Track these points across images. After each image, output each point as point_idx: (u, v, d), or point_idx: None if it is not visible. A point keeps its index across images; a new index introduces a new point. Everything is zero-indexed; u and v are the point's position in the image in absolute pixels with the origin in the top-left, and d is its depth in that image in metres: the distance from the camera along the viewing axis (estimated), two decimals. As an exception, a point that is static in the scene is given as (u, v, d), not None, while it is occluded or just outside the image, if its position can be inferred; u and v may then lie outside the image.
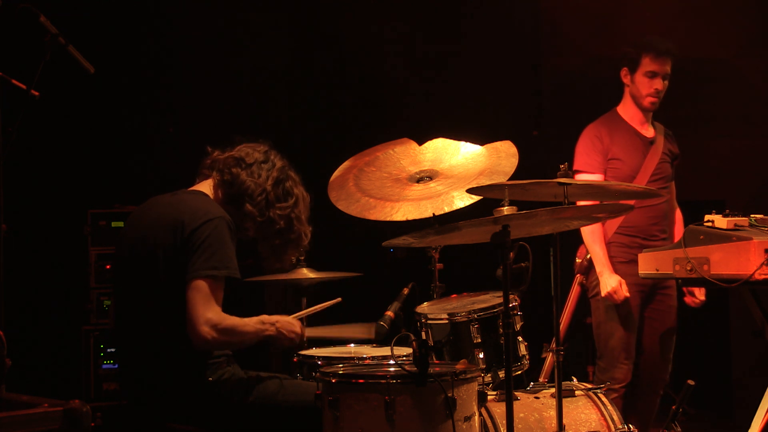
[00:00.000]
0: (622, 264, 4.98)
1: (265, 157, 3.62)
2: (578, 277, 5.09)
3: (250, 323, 3.44)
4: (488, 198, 3.80)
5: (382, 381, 3.20)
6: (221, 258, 3.34)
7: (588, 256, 5.03)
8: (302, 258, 4.60)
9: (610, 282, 4.90)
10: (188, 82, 6.15)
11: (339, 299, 3.92)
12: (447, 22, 6.54)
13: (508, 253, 3.29)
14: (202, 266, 3.32)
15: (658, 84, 5.02)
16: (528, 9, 6.58)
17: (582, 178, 4.96)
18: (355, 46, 6.41)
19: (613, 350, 4.98)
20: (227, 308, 3.56)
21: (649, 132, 5.13)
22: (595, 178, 4.96)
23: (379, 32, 6.39)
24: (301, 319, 3.65)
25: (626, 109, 5.13)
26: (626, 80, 5.09)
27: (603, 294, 4.90)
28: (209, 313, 3.29)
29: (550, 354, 4.47)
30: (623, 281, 4.90)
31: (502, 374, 3.77)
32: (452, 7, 6.51)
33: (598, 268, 4.96)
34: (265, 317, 3.49)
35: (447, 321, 3.89)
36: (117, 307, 3.56)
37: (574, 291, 5.08)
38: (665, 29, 5.90)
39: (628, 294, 4.89)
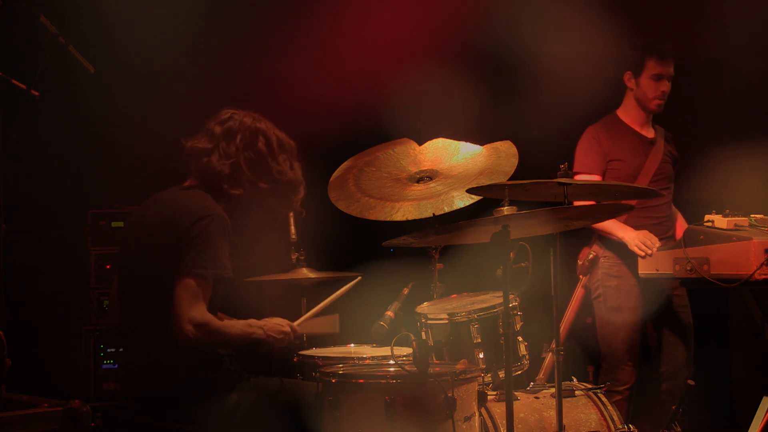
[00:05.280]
0: (625, 265, 4.97)
1: (227, 129, 3.59)
2: (582, 279, 5.08)
3: (237, 325, 3.45)
4: (488, 198, 3.80)
5: (382, 381, 3.20)
6: (210, 257, 3.34)
7: (590, 257, 5.02)
8: (302, 258, 4.61)
9: (637, 237, 4.75)
10: (188, 81, 6.15)
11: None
12: (447, 22, 6.53)
13: (508, 253, 3.30)
14: (191, 264, 3.32)
15: (664, 86, 5.00)
16: (528, 9, 6.56)
17: (581, 179, 4.95)
18: (355, 45, 6.40)
19: (616, 352, 4.97)
20: (227, 308, 3.57)
21: (649, 133, 5.13)
22: (593, 179, 4.96)
23: (378, 31, 6.38)
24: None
25: (627, 113, 5.12)
26: (630, 84, 5.06)
27: (639, 253, 4.69)
28: (193, 311, 3.29)
29: (550, 354, 4.47)
30: (647, 231, 4.78)
31: (502, 374, 3.77)
32: (453, 7, 6.50)
33: (618, 234, 4.85)
34: (252, 321, 3.50)
35: (447, 321, 3.89)
36: (121, 307, 3.57)
37: (578, 293, 5.07)
38: (664, 29, 5.90)
39: (658, 241, 4.73)
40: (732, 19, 6.12)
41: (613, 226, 4.89)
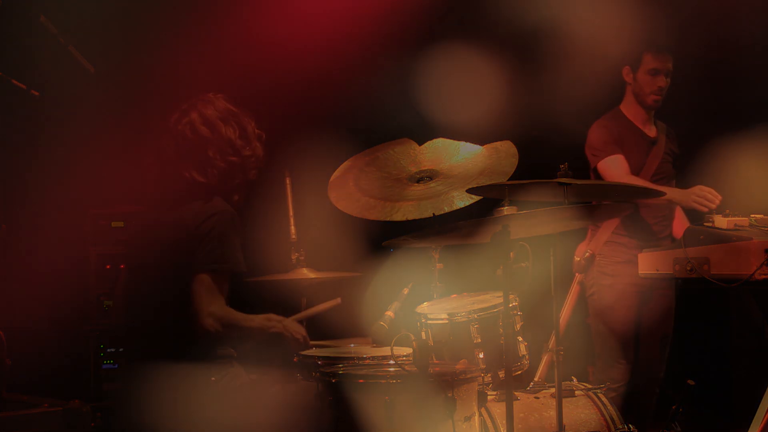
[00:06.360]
0: (620, 264, 4.97)
1: (179, 147, 3.62)
2: (578, 276, 5.08)
3: (256, 319, 3.50)
4: (488, 198, 3.80)
5: (382, 381, 3.20)
6: (223, 252, 3.40)
7: (586, 255, 5.01)
8: (302, 258, 4.61)
9: (692, 192, 4.66)
10: (188, 80, 6.14)
11: (338, 300, 3.94)
12: (447, 22, 6.53)
13: (508, 253, 3.30)
14: (205, 260, 3.38)
15: (661, 81, 5.01)
16: (528, 8, 6.56)
17: (605, 162, 4.92)
18: (355, 45, 6.39)
19: (610, 350, 4.98)
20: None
21: (651, 131, 5.13)
22: (617, 159, 4.92)
23: (378, 31, 6.37)
24: (301, 322, 3.68)
25: (629, 108, 5.12)
26: (628, 79, 5.09)
27: (703, 209, 4.56)
28: (213, 306, 3.35)
29: (547, 354, 4.47)
30: (701, 185, 4.68)
31: (502, 374, 3.77)
32: (453, 7, 6.50)
33: (667, 195, 4.66)
34: (273, 315, 3.55)
35: (447, 321, 3.88)
36: (129, 308, 3.58)
37: (574, 290, 5.07)
38: (662, 28, 5.89)
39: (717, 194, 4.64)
40: (733, 20, 6.12)
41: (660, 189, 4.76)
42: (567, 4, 6.20)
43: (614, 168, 4.91)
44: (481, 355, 3.80)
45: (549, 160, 4.00)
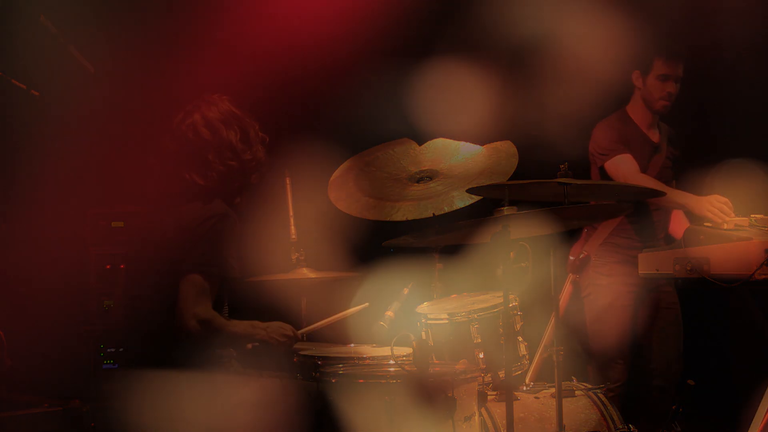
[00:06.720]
0: (617, 264, 4.97)
1: (180, 149, 3.63)
2: (571, 276, 5.07)
3: (240, 325, 3.50)
4: (488, 198, 3.80)
5: (382, 381, 3.20)
6: (216, 255, 3.39)
7: (581, 256, 5.00)
8: (302, 258, 4.61)
9: (708, 202, 4.50)
10: (188, 80, 6.14)
11: (366, 305, 3.94)
12: (449, 22, 6.53)
13: (508, 253, 3.30)
14: (197, 261, 3.38)
15: (671, 87, 4.97)
16: (528, 8, 6.56)
17: (614, 161, 4.90)
18: (356, 47, 6.39)
19: (607, 350, 4.97)
20: (231, 309, 3.57)
21: (655, 136, 5.11)
22: (626, 157, 4.90)
23: (378, 34, 6.38)
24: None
25: (635, 111, 5.09)
26: (638, 83, 5.04)
27: (717, 220, 4.43)
28: (198, 308, 3.35)
29: (538, 354, 4.47)
30: (717, 195, 4.55)
31: (502, 374, 3.77)
32: (452, 7, 6.50)
33: (679, 201, 4.64)
34: (256, 323, 3.55)
35: (447, 321, 3.89)
36: (129, 309, 3.59)
37: (567, 290, 5.06)
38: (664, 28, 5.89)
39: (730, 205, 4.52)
40: (737, 20, 6.11)
41: (673, 194, 4.68)
42: (568, 8, 6.20)
43: (624, 167, 4.88)
44: (481, 355, 3.80)
45: (549, 160, 4.00)
